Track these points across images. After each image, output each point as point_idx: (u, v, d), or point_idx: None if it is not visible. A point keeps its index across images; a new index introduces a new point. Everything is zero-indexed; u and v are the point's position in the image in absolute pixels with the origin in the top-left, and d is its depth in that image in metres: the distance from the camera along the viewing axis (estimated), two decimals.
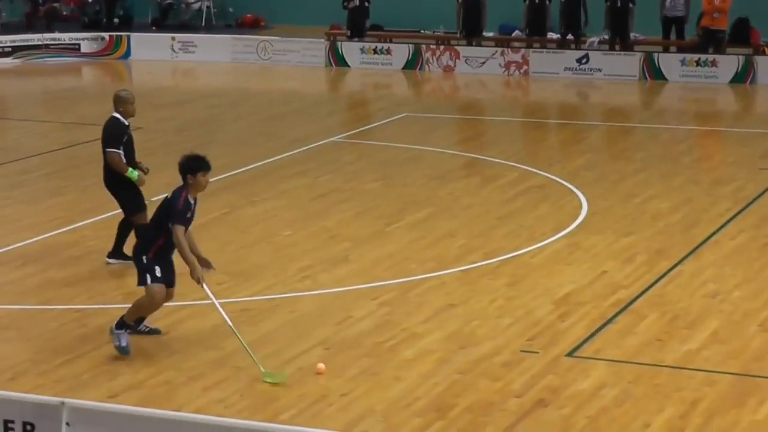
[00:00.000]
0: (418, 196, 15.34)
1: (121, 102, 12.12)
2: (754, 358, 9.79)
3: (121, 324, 9.85)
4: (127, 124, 12.14)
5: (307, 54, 28.36)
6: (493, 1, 28.11)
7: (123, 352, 9.77)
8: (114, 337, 9.84)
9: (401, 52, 27.69)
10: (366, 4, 28.52)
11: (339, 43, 28.34)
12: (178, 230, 9.60)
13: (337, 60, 28.07)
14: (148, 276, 9.76)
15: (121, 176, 12.07)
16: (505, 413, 8.78)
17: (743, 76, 25.11)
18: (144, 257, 9.79)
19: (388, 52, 27.82)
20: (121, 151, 12.02)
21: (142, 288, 9.87)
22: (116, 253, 12.35)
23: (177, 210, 9.67)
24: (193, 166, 9.74)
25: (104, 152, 12.14)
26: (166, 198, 9.91)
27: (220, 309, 9.73)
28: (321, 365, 9.44)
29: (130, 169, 12.07)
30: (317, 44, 28.39)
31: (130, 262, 10.57)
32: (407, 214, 14.35)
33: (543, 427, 8.57)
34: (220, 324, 9.88)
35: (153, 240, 9.83)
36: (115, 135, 12.06)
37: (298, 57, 28.38)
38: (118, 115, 12.12)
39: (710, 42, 25.74)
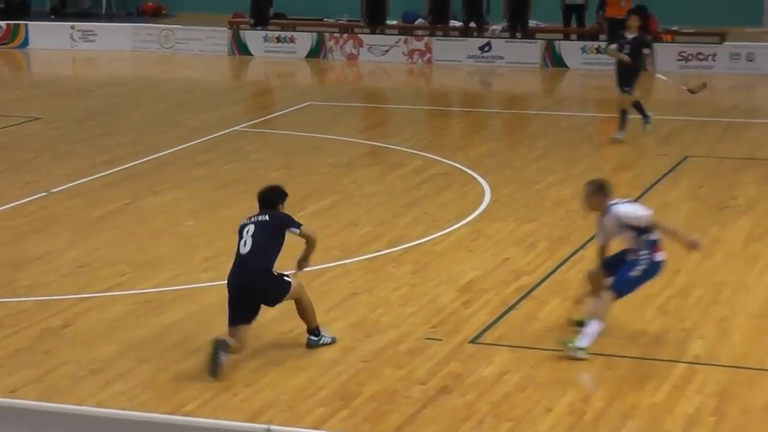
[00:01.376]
0: (321, 184, 15.33)
1: None
2: (653, 342, 9.97)
3: (316, 331, 9.86)
4: None
5: (210, 43, 28.17)
6: None
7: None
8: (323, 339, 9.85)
9: (305, 40, 27.64)
10: None
11: (242, 31, 28.19)
12: (306, 228, 9.71)
13: (240, 49, 27.93)
14: (284, 278, 9.68)
15: None
16: (410, 401, 8.83)
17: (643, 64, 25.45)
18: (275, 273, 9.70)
19: (292, 40, 27.74)
20: None
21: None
22: None
23: (288, 216, 9.74)
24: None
25: None
26: (265, 220, 9.69)
27: None
28: None
29: None
30: (220, 33, 28.21)
31: None
32: (311, 203, 14.32)
33: (447, 413, 8.64)
34: (122, 316, 9.77)
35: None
36: None
37: (200, 45, 28.18)
38: None
39: (616, 30, 26.03)
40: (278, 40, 27.84)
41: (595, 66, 25.55)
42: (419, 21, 28.63)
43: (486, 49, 26.61)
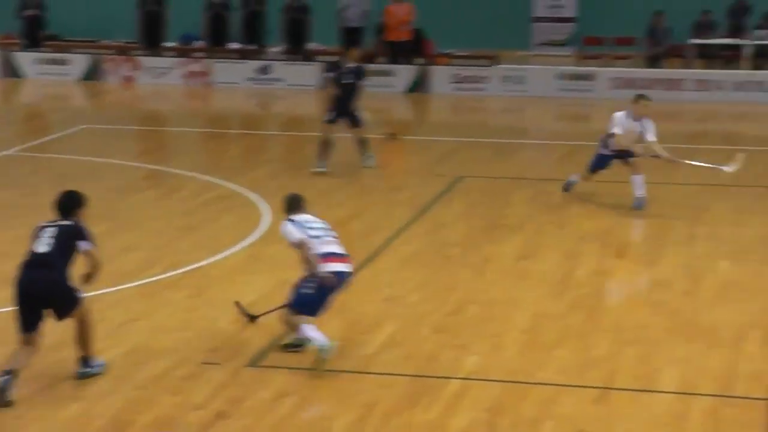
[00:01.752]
0: (97, 209, 14.88)
1: None
2: (428, 360, 10.14)
3: (88, 360, 9.57)
4: None
5: None
6: (174, 11, 27.99)
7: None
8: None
9: (79, 62, 27.09)
10: (42, 13, 27.73)
11: (13, 53, 27.41)
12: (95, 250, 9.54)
13: (12, 71, 27.15)
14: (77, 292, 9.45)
15: None
16: (187, 427, 8.73)
17: (418, 86, 26.01)
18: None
19: (66, 62, 27.14)
20: None
21: None
22: None
23: (83, 228, 9.60)
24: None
25: None
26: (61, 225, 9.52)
27: None
28: None
29: None
30: None
31: None
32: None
33: None
34: None
35: None
36: None
37: None
38: None
39: (396, 53, 26.52)
40: (52, 62, 27.20)
41: (372, 88, 25.86)
42: (197, 43, 28.47)
43: (265, 71, 26.66)
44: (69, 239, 9.39)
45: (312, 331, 9.80)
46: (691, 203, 15.57)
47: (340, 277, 10.03)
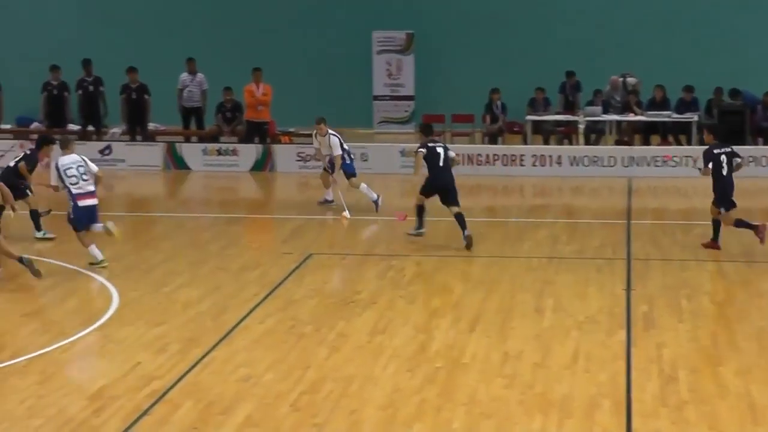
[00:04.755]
0: None
1: None
2: None
3: None
4: None
5: None
6: (10, 92, 27.57)
7: None
8: None
9: None
10: None
11: None
12: None
13: None
14: None
15: None
16: None
17: (263, 164, 26.05)
18: None
19: None
20: None
21: None
22: None
23: None
24: None
25: None
26: None
27: None
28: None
29: None
30: None
31: None
32: None
33: None
34: None
35: None
36: None
37: None
38: None
39: (255, 133, 26.54)
40: None
41: (216, 167, 25.90)
42: (35, 125, 28.00)
43: (106, 152, 26.35)
44: None
45: None
46: (536, 276, 15.90)
47: None
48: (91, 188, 16.41)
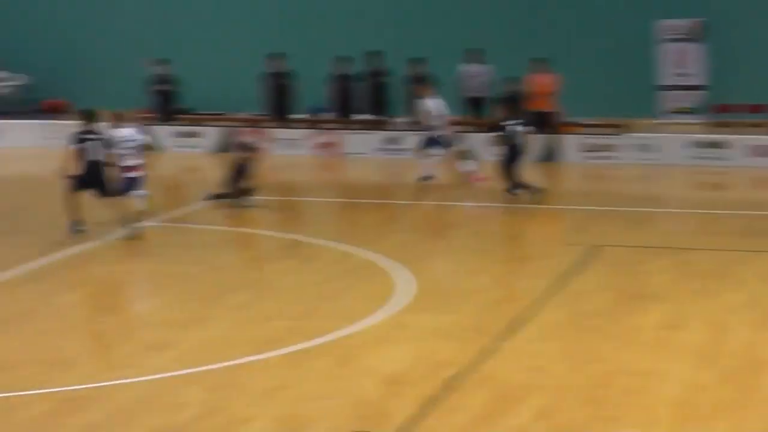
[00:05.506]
0: (237, 278, 15.21)
1: None
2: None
3: None
4: None
5: None
6: (300, 84, 28.51)
7: None
8: None
9: (211, 135, 27.59)
10: (173, 88, 28.46)
11: (151, 127, 28.09)
12: None
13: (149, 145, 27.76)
14: None
15: None
16: None
17: (548, 155, 25.88)
18: None
19: (198, 135, 27.73)
20: None
21: None
22: None
23: None
24: None
25: None
26: None
27: None
28: None
29: None
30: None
31: None
32: (227, 298, 14.19)
33: None
34: (40, 416, 9.47)
35: None
36: None
37: None
38: None
39: (539, 123, 26.40)
40: (186, 135, 27.80)
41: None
42: (325, 114, 28.83)
43: (393, 141, 26.85)
44: None
45: None
46: None
47: None
48: None
